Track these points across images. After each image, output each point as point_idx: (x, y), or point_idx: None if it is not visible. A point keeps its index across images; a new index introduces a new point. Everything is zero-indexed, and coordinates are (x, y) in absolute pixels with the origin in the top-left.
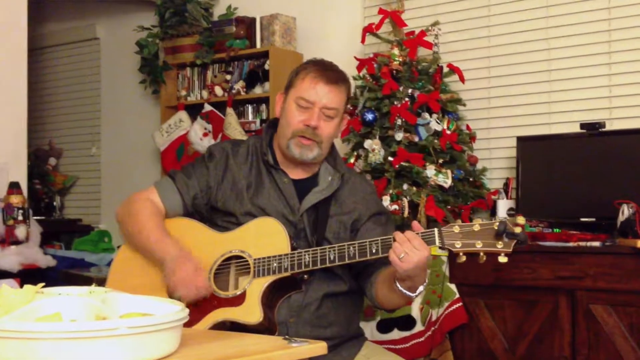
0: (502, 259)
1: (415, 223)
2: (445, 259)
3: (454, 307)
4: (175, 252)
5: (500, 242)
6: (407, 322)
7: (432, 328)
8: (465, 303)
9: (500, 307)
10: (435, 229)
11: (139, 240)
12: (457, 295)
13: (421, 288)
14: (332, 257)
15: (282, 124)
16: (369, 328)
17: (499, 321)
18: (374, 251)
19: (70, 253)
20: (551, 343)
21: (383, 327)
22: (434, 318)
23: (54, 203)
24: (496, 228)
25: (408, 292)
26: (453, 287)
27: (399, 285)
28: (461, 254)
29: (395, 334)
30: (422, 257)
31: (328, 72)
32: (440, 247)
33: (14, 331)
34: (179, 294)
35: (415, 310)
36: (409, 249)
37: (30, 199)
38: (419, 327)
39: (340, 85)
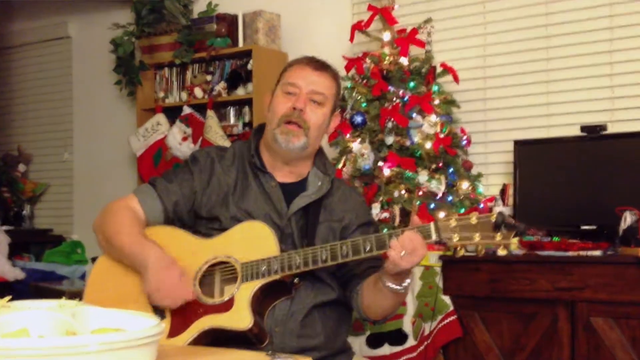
0: (502, 252)
1: (414, 217)
2: (438, 269)
3: (448, 320)
4: (157, 257)
5: (498, 234)
6: (398, 337)
7: (425, 343)
8: (460, 316)
9: (497, 320)
10: (432, 223)
11: (116, 245)
12: (451, 308)
13: (408, 280)
14: (324, 257)
15: (269, 118)
16: (357, 343)
17: (495, 335)
18: (367, 249)
19: (40, 265)
20: (549, 358)
21: (373, 342)
22: (426, 332)
23: (23, 212)
24: (494, 220)
25: (395, 286)
26: (447, 299)
27: (386, 281)
28: (459, 247)
29: (386, 349)
30: (422, 257)
31: (315, 61)
32: (437, 241)
33: None
34: (163, 304)
35: (407, 324)
36: (411, 249)
37: None
38: (410, 342)
39: (328, 71)
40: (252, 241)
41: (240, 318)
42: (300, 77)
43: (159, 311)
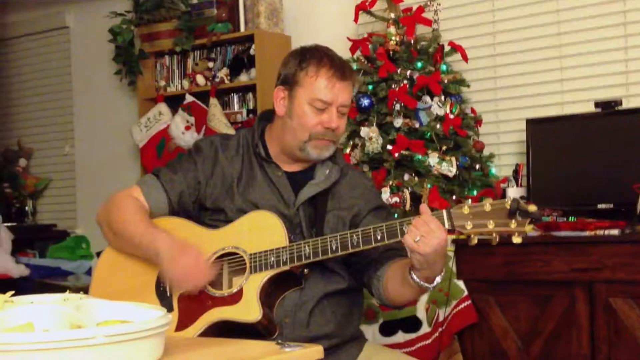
0: (517, 239)
1: (423, 206)
2: (451, 254)
3: (463, 305)
4: (169, 244)
5: (513, 221)
6: (412, 324)
7: (440, 329)
8: (475, 301)
9: (513, 304)
10: (444, 210)
11: (124, 237)
12: (466, 293)
13: (438, 278)
14: (334, 247)
15: (291, 125)
16: (370, 331)
17: (511, 319)
18: (378, 238)
19: (45, 261)
20: (568, 341)
21: (386, 329)
22: (441, 318)
23: (26, 208)
24: (508, 207)
25: (425, 284)
26: (461, 283)
27: (414, 276)
28: (472, 235)
29: (400, 337)
30: (440, 241)
31: (340, 67)
32: (450, 230)
33: None
34: (186, 288)
35: (420, 311)
36: (426, 232)
37: (0, 204)
38: (425, 329)
39: (352, 77)
40: (260, 232)
41: (249, 310)
42: (331, 93)
43: (166, 304)
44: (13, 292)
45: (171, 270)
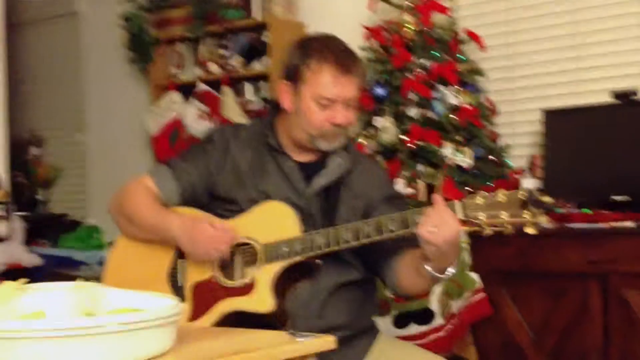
0: (531, 230)
1: (436, 196)
2: (465, 245)
3: (476, 297)
4: (181, 220)
5: (527, 212)
6: (425, 316)
7: (453, 321)
8: (488, 293)
9: (526, 297)
10: (457, 201)
11: (137, 222)
12: (479, 284)
13: (452, 269)
14: (347, 238)
15: (299, 121)
16: (383, 323)
17: (525, 312)
18: (391, 228)
19: (56, 251)
20: (582, 334)
21: (399, 321)
22: (454, 310)
23: (38, 197)
24: (522, 198)
25: (438, 274)
26: (474, 276)
27: (427, 267)
28: (486, 226)
29: (413, 329)
30: (453, 232)
31: (343, 60)
32: (463, 220)
33: None
34: (211, 259)
35: (434, 303)
36: (439, 223)
37: (11, 193)
38: (438, 321)
39: (358, 69)
40: (273, 222)
41: (262, 301)
42: (336, 90)
43: (178, 294)
44: (26, 279)
45: (192, 242)
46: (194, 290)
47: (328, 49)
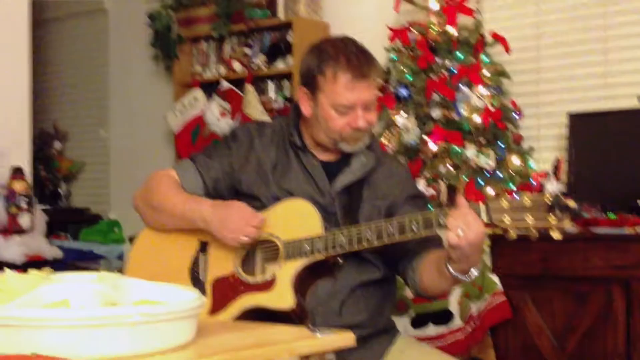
0: (556, 235)
1: (461, 198)
2: (486, 248)
3: (497, 300)
4: (210, 204)
5: (553, 217)
6: (443, 317)
7: (472, 323)
8: (509, 296)
9: (548, 300)
10: (482, 203)
11: (165, 210)
12: (499, 287)
13: (475, 271)
14: (369, 237)
15: (320, 126)
16: (402, 323)
17: (546, 316)
18: (414, 229)
19: (77, 244)
20: (604, 339)
21: (418, 322)
22: (474, 312)
23: (60, 190)
24: (548, 202)
25: (461, 276)
26: (495, 278)
27: (450, 269)
28: (511, 230)
29: (432, 330)
30: (478, 233)
31: (357, 62)
32: (487, 223)
33: (19, 318)
34: (245, 239)
35: (453, 304)
36: (464, 225)
37: (34, 186)
38: (457, 322)
39: (373, 72)
40: (295, 219)
41: (282, 298)
42: (352, 96)
43: (199, 288)
44: (50, 269)
45: (222, 223)
46: (214, 285)
47: (342, 55)
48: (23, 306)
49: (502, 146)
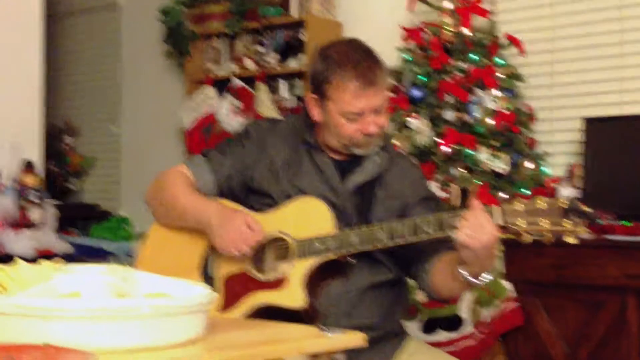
0: (571, 240)
1: (475, 200)
2: (498, 253)
3: (509, 307)
4: (218, 210)
5: (568, 222)
6: (454, 322)
7: (483, 329)
8: (521, 303)
9: (561, 308)
10: (496, 206)
11: (175, 209)
12: (511, 294)
13: (488, 275)
14: (381, 237)
15: (331, 132)
16: (411, 328)
17: (559, 323)
18: (427, 230)
19: (87, 241)
20: (617, 349)
21: (427, 327)
22: (485, 318)
23: (70, 186)
24: (565, 206)
25: (473, 279)
26: (507, 284)
27: (462, 272)
28: (525, 234)
29: (441, 335)
30: (491, 236)
31: (366, 72)
32: (502, 227)
33: (31, 308)
34: (235, 252)
35: (463, 310)
36: (477, 227)
37: (45, 181)
38: (467, 328)
39: (381, 77)
40: (307, 218)
41: (294, 296)
42: (361, 104)
43: (210, 285)
44: (62, 259)
45: (223, 234)
46: (225, 282)
47: (348, 61)
48: (34, 296)
49: (516, 150)
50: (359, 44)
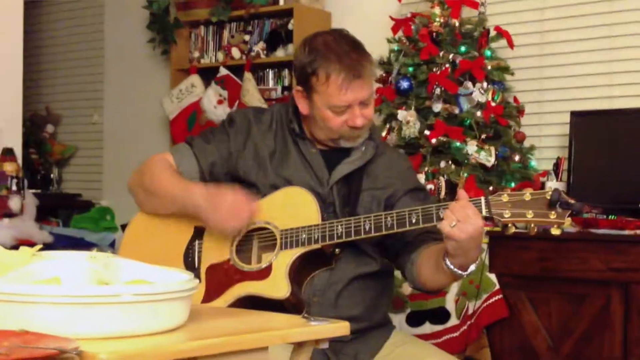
0: (555, 231)
1: (461, 191)
2: (485, 246)
3: (493, 299)
4: (203, 188)
5: (553, 213)
6: (440, 315)
7: (468, 322)
8: (506, 296)
9: (545, 301)
10: (482, 197)
11: (159, 194)
12: (497, 287)
13: (473, 267)
14: (367, 228)
15: (318, 125)
16: (397, 320)
17: (543, 316)
18: (413, 221)
19: (68, 231)
20: (600, 342)
21: (413, 320)
22: (470, 311)
23: (51, 175)
24: (549, 197)
25: (459, 271)
26: (493, 277)
27: (448, 263)
28: (510, 224)
29: (427, 328)
30: (476, 227)
31: (352, 64)
32: (487, 217)
33: (9, 294)
34: (232, 229)
35: (449, 302)
36: (463, 218)
37: (25, 169)
38: (453, 321)
39: (367, 68)
40: (292, 208)
41: (277, 286)
42: (347, 97)
43: (193, 274)
44: (41, 245)
45: (215, 213)
46: (208, 272)
47: (333, 54)
48: (13, 281)
49: (503, 143)
50: (345, 35)
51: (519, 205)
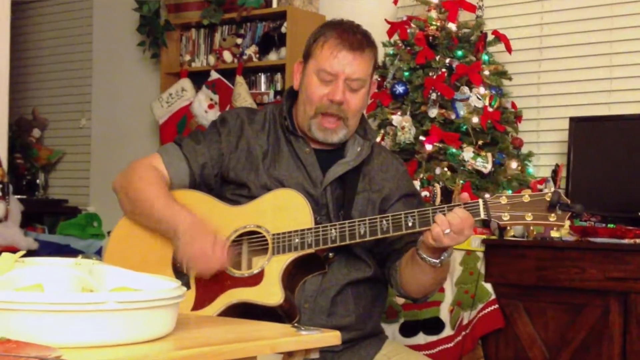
0: (555, 233)
1: (464, 194)
2: (480, 255)
3: (489, 309)
4: (189, 223)
5: (552, 215)
6: (434, 325)
7: (463, 333)
8: (502, 305)
9: (542, 311)
10: (481, 200)
11: (142, 210)
12: (493, 296)
13: (446, 254)
14: (362, 232)
15: (302, 99)
16: (390, 330)
17: (539, 327)
18: (410, 225)
19: (54, 237)
20: (598, 353)
21: (407, 330)
22: (465, 321)
23: (37, 180)
24: (549, 199)
25: (432, 259)
26: (488, 286)
27: (422, 254)
28: (509, 227)
29: (421, 338)
30: (467, 237)
31: (350, 36)
32: (485, 220)
33: None
34: (200, 270)
35: (444, 312)
36: (457, 230)
37: (11, 175)
38: (447, 331)
39: (365, 50)
40: (284, 211)
41: (270, 293)
42: (336, 63)
43: (183, 281)
44: (24, 251)
45: (187, 250)
46: (199, 278)
47: (340, 26)
48: None
49: (501, 149)
50: (355, 23)
51: (518, 207)
